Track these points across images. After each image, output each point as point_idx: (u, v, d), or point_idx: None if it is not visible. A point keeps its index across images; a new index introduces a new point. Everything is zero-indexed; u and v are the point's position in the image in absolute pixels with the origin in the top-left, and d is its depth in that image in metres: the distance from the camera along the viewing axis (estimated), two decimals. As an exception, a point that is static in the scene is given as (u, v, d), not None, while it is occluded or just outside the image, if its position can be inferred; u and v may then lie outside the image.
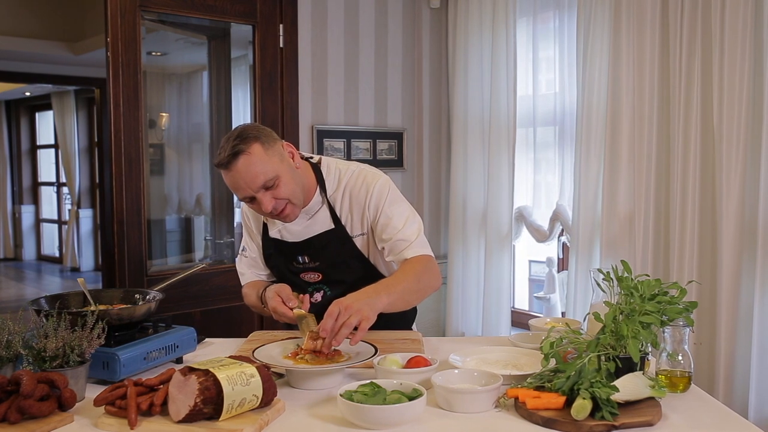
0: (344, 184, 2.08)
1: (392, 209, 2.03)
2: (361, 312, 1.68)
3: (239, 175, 1.87)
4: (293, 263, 2.13)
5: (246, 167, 1.86)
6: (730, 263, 2.83)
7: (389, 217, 2.02)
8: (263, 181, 1.88)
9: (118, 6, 3.19)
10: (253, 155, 1.86)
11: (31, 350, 1.57)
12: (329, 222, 2.07)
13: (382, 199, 2.04)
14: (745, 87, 2.78)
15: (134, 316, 1.78)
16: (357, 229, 2.08)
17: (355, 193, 2.06)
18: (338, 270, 2.11)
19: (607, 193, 3.27)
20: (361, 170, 2.10)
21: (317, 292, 2.13)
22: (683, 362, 1.60)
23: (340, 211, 2.08)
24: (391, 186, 2.09)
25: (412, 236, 2.01)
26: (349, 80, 4.05)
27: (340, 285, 2.10)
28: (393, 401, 1.42)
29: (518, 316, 4.09)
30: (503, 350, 1.85)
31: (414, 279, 1.92)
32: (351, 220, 2.08)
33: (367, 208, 2.05)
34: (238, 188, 1.90)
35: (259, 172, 1.87)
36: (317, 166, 2.10)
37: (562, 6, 3.56)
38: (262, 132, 1.92)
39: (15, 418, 1.40)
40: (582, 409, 1.37)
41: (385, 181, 2.08)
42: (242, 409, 1.42)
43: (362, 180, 2.07)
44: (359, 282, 1.95)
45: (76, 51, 6.50)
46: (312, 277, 2.13)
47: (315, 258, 2.10)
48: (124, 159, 3.24)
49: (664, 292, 1.57)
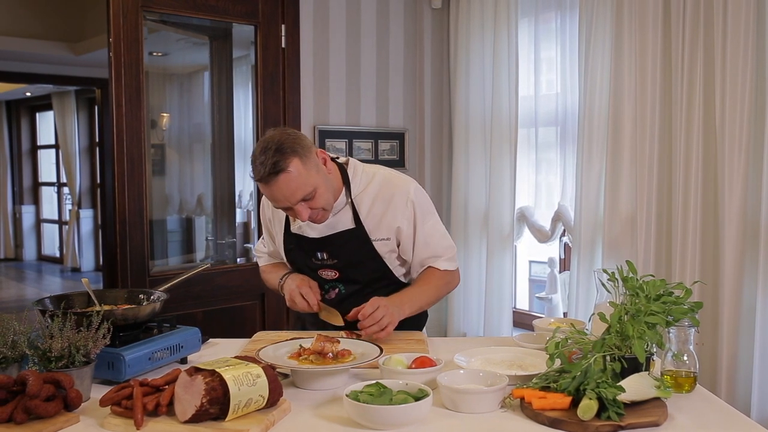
0: (372, 188, 2.11)
1: (427, 226, 2.15)
2: (392, 316, 1.95)
3: (278, 191, 1.90)
4: (312, 259, 2.16)
5: (286, 184, 1.88)
6: (732, 263, 2.83)
7: (427, 235, 2.14)
8: (302, 196, 1.91)
9: (121, 6, 3.19)
10: (292, 173, 1.87)
11: (36, 350, 1.57)
12: (351, 222, 2.10)
13: (419, 214, 2.13)
14: (748, 86, 2.78)
15: (139, 316, 1.78)
16: (381, 233, 2.11)
17: (387, 200, 2.10)
18: (355, 269, 2.14)
19: (609, 193, 3.27)
20: (390, 176, 2.15)
21: (332, 290, 2.18)
22: (688, 362, 1.61)
23: (363, 212, 2.10)
24: (423, 195, 2.17)
25: (444, 252, 2.18)
26: (350, 80, 4.05)
27: (354, 284, 2.15)
28: (399, 401, 1.42)
29: (519, 316, 4.10)
30: (508, 350, 1.85)
31: (434, 293, 2.17)
32: (375, 223, 2.11)
33: (402, 219, 2.10)
34: (276, 200, 1.94)
35: (298, 188, 1.90)
36: (344, 168, 2.13)
37: (563, 6, 3.56)
38: (298, 143, 1.91)
39: (21, 419, 1.40)
40: (588, 409, 1.37)
41: (416, 189, 2.14)
42: (248, 409, 1.42)
43: (393, 187, 2.12)
44: (373, 282, 2.14)
45: (77, 51, 6.50)
46: (329, 274, 2.16)
47: (333, 255, 2.13)
48: (126, 159, 3.24)
49: (669, 292, 1.57)
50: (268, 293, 3.70)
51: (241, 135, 4.08)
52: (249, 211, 4.25)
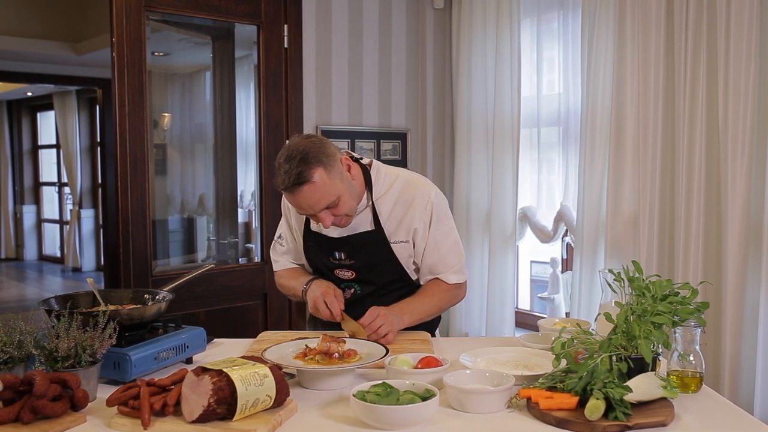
0: (393, 191, 2.12)
1: (440, 231, 2.14)
2: (391, 325, 1.95)
3: (303, 200, 1.91)
4: (330, 258, 2.16)
5: (310, 194, 1.89)
6: (736, 264, 2.83)
7: (439, 240, 2.14)
8: (326, 205, 1.92)
9: (124, 6, 3.19)
10: (316, 183, 1.88)
11: (43, 350, 1.57)
12: (371, 223, 2.11)
13: (435, 217, 2.13)
14: (751, 87, 2.77)
15: (145, 316, 1.78)
16: (400, 235, 2.12)
17: (408, 202, 2.11)
18: (371, 271, 2.15)
19: (611, 193, 3.27)
20: (411, 179, 2.17)
21: (348, 290, 2.18)
22: (694, 362, 1.61)
23: (383, 215, 2.11)
24: (443, 200, 2.18)
25: (453, 263, 2.18)
26: (353, 81, 4.05)
27: (370, 285, 2.16)
28: (406, 402, 1.42)
29: (521, 316, 4.10)
30: (513, 350, 1.86)
31: (436, 305, 2.17)
32: (394, 226, 2.11)
33: (420, 222, 2.11)
34: (300, 208, 1.95)
35: (322, 197, 1.90)
36: (367, 169, 2.13)
37: (566, 6, 3.56)
38: (323, 152, 1.91)
39: (28, 418, 1.40)
40: (596, 409, 1.37)
41: (437, 194, 2.15)
42: (255, 409, 1.42)
43: (414, 190, 2.13)
44: (389, 284, 2.16)
45: (79, 51, 6.50)
46: (346, 274, 2.16)
47: (351, 256, 2.14)
48: (129, 159, 3.24)
49: (675, 292, 1.57)
50: (270, 293, 3.70)
51: (243, 135, 4.08)
52: (251, 211, 4.25)
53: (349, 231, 2.11)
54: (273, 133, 3.73)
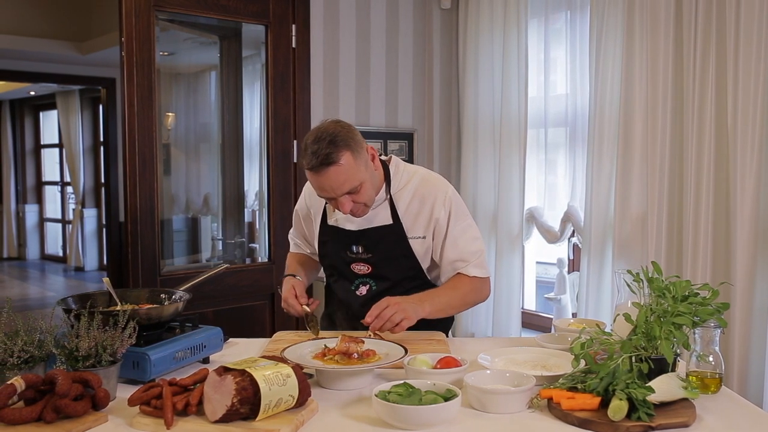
0: (411, 186, 2.14)
1: (459, 227, 2.14)
2: (406, 311, 1.90)
3: (327, 182, 1.92)
4: (347, 252, 2.18)
5: (336, 176, 1.91)
6: (744, 264, 2.83)
7: (458, 235, 2.13)
8: (348, 189, 1.95)
9: (133, 5, 3.19)
10: (342, 166, 1.90)
11: (63, 350, 1.57)
12: (388, 218, 2.13)
13: (453, 213, 2.13)
14: (761, 87, 2.77)
15: (163, 315, 1.79)
16: (417, 231, 2.13)
17: (425, 198, 2.13)
18: (388, 266, 2.15)
19: (619, 193, 3.27)
20: (429, 176, 2.19)
21: (363, 286, 2.19)
22: (714, 363, 1.61)
23: (401, 209, 2.13)
24: (459, 198, 2.19)
25: (473, 257, 2.15)
26: (360, 81, 4.06)
27: (385, 281, 2.16)
28: (428, 402, 1.42)
29: (527, 317, 4.09)
30: (531, 351, 1.86)
31: (459, 298, 2.13)
32: (412, 220, 2.13)
33: (437, 218, 2.12)
34: (322, 190, 1.97)
35: (346, 180, 1.93)
36: (386, 164, 2.16)
37: (574, 6, 3.56)
38: (351, 138, 1.94)
39: (51, 418, 1.40)
40: (619, 410, 1.37)
41: (453, 192, 2.17)
42: (278, 409, 1.42)
43: (431, 186, 2.15)
44: (404, 282, 2.15)
45: (83, 51, 6.50)
46: (362, 268, 2.17)
47: (369, 250, 2.15)
48: (138, 158, 3.24)
49: (694, 293, 1.58)
50: (277, 293, 3.69)
51: (249, 134, 4.08)
52: (254, 211, 4.25)
53: (368, 224, 2.12)
54: (281, 133, 3.73)
